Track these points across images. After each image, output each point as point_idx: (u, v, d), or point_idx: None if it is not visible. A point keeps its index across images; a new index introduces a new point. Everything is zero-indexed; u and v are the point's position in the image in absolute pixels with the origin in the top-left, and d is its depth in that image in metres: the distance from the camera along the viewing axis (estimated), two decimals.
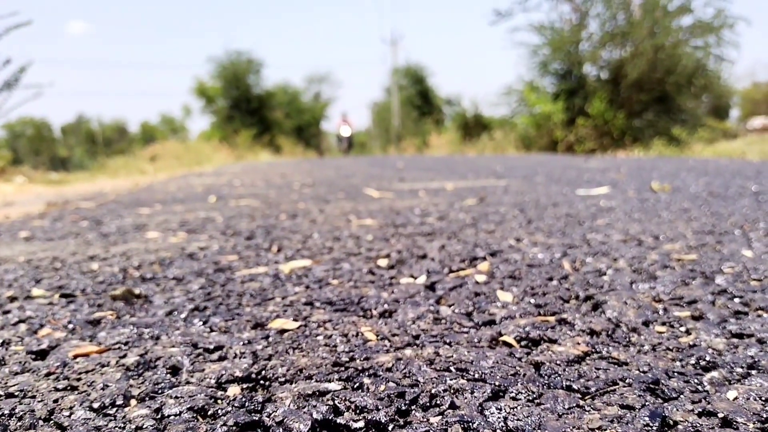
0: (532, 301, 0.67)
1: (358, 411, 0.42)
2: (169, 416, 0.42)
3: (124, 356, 0.55)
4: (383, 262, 0.90)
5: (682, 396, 0.42)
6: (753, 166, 3.30)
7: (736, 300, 0.64)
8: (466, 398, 0.42)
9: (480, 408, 0.41)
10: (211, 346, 0.56)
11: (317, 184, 3.44)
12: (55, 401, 0.45)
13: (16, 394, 0.47)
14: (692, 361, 0.48)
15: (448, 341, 0.55)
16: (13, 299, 0.79)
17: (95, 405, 0.44)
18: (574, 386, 0.44)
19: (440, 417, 0.40)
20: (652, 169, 3.23)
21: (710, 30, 10.28)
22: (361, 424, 0.40)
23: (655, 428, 0.37)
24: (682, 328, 0.56)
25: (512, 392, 0.43)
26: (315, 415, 0.41)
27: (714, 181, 2.13)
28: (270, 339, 0.58)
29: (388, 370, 0.49)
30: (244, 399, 0.44)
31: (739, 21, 10.09)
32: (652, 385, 0.43)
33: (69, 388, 0.48)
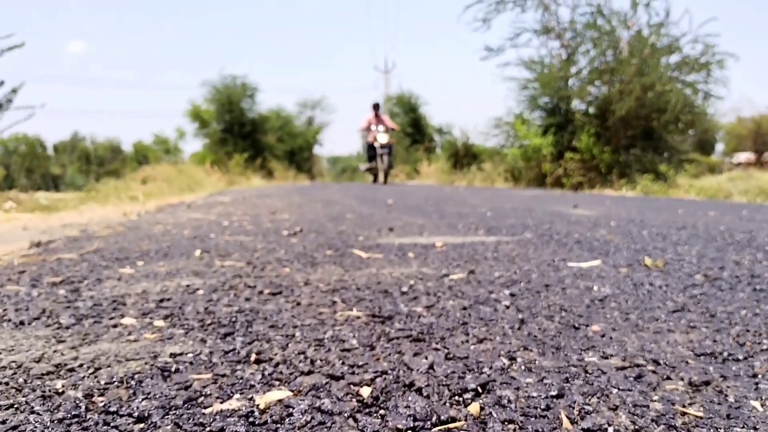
0: None
1: None
2: None
3: None
4: (366, 391, 0.85)
5: None
6: (743, 221, 3.29)
7: None
8: None
9: None
10: None
11: (305, 230, 3.38)
12: None
13: None
14: None
15: None
16: None
17: None
18: None
19: None
20: (642, 224, 3.20)
21: (698, 67, 10.43)
22: None
23: None
24: None
25: None
26: None
27: (707, 252, 2.09)
28: None
29: None
30: None
31: (728, 57, 10.23)
32: None
33: None
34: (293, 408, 0.80)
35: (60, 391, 0.92)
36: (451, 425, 0.73)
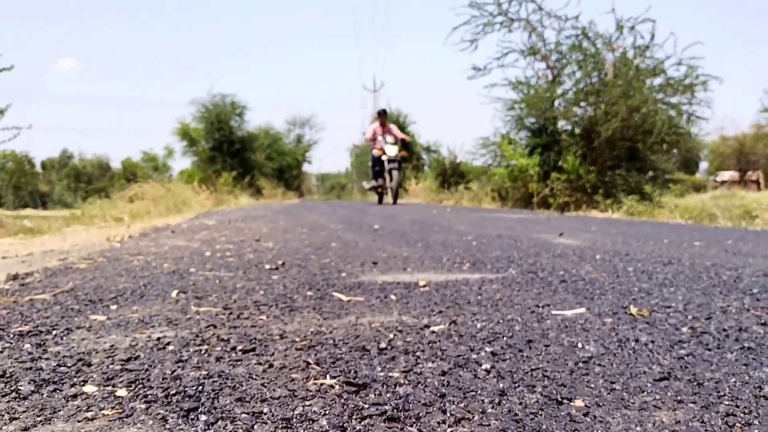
0: None
1: None
2: None
3: None
4: None
5: None
6: (728, 254, 3.26)
7: None
8: None
9: None
10: None
11: (288, 263, 3.32)
12: None
13: None
14: None
15: None
16: None
17: None
18: None
19: None
20: (627, 258, 3.17)
21: (683, 89, 10.55)
22: None
23: None
24: None
25: None
26: None
27: (693, 297, 2.06)
28: None
29: None
30: None
31: (711, 79, 10.35)
32: None
33: None
34: None
35: None
36: None
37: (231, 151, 25.11)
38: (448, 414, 1.06)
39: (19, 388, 1.31)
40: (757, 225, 6.89)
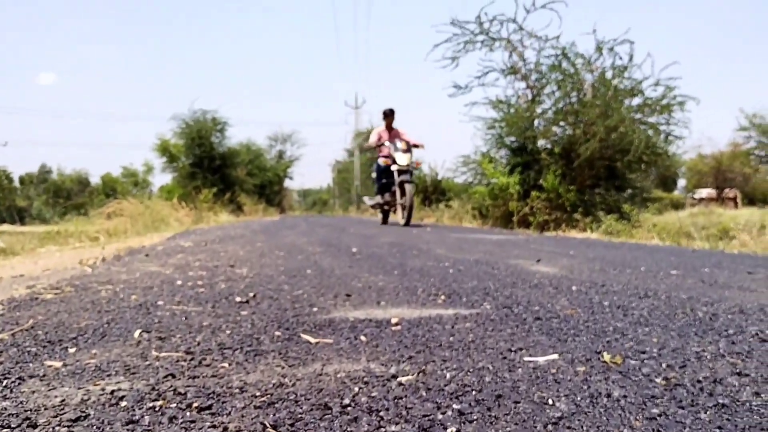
0: None
1: None
2: None
3: None
4: None
5: None
6: (705, 286, 3.24)
7: None
8: None
9: None
10: None
11: (259, 295, 3.24)
12: None
13: None
14: None
15: None
16: None
17: None
18: None
19: None
20: (603, 290, 3.14)
21: (660, 109, 10.68)
22: None
23: None
24: None
25: None
26: None
27: (668, 339, 2.02)
28: None
29: None
30: None
31: (688, 100, 10.49)
32: None
33: None
34: None
35: None
36: None
37: (211, 167, 24.96)
38: None
39: None
40: (734, 247, 6.93)
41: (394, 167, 10.08)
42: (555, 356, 1.83)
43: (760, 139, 30.07)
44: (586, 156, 10.28)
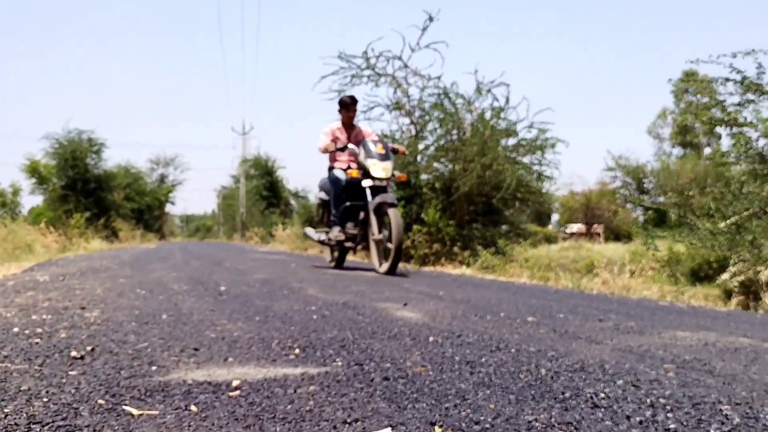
0: None
1: None
2: None
3: None
4: None
5: None
6: (556, 336, 3.36)
7: None
8: None
9: None
10: None
11: (98, 348, 2.91)
12: None
13: None
14: None
15: None
16: None
17: None
18: None
19: None
20: (459, 341, 3.16)
21: (533, 149, 11.28)
22: None
23: None
24: None
25: None
26: None
27: (505, 405, 2.02)
28: None
29: None
30: None
31: (559, 142, 11.15)
32: None
33: None
34: None
35: None
36: None
37: (85, 190, 23.47)
38: None
39: None
40: (595, 285, 7.37)
41: (366, 182, 6.77)
42: (388, 430, 1.76)
43: (624, 179, 33.26)
44: (464, 191, 10.64)
